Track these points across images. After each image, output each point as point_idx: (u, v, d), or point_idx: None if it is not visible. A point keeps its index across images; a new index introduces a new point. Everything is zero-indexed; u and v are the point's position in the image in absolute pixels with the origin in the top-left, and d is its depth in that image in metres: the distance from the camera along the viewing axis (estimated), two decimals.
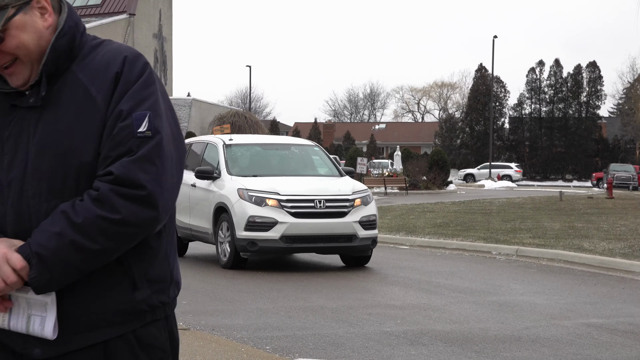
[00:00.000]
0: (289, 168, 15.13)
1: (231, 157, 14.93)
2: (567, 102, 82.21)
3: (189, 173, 15.26)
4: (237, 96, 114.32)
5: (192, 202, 15.19)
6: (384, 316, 10.00)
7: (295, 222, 13.52)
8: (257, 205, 13.56)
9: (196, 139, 16.93)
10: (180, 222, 15.50)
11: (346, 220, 13.77)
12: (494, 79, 75.34)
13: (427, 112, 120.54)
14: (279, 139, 16.48)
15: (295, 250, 13.91)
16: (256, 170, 14.79)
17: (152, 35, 61.34)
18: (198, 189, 15.02)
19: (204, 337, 8.58)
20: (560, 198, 35.66)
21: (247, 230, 13.54)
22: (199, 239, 15.32)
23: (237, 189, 13.82)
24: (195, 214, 15.11)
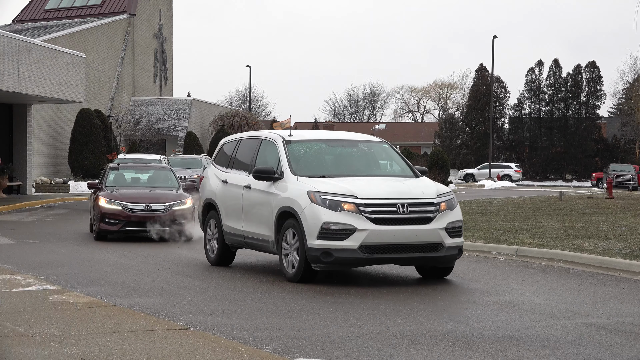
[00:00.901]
0: (359, 167, 13.48)
1: (293, 156, 13.22)
2: (567, 102, 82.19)
3: (239, 173, 14.13)
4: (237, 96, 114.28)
5: (247, 206, 13.65)
6: (384, 316, 10.00)
7: (376, 229, 11.88)
8: (331, 210, 11.94)
9: (246, 135, 15.19)
10: (231, 227, 14.09)
11: (432, 227, 12.17)
12: (494, 79, 75.32)
13: (427, 112, 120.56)
14: (344, 134, 14.67)
15: (375, 262, 12.17)
16: (323, 170, 13.12)
17: (152, 35, 61.31)
18: (254, 191, 13.43)
19: (204, 337, 8.58)
20: (560, 198, 35.66)
21: (320, 238, 11.89)
22: (255, 247, 13.72)
23: (308, 191, 12.18)
24: (250, 220, 13.54)
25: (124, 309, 10.14)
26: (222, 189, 14.51)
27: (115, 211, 19.36)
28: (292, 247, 12.42)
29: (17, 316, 9.48)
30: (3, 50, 30.52)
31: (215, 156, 15.62)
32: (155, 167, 23.03)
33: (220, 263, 14.63)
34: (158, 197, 19.88)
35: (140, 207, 19.46)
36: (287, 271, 12.57)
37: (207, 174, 15.44)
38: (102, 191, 20.04)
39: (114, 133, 48.73)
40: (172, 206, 19.64)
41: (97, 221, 19.51)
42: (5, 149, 35.72)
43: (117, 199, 19.57)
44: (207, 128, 61.40)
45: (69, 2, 59.99)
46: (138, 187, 20.95)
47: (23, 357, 7.58)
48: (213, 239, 14.79)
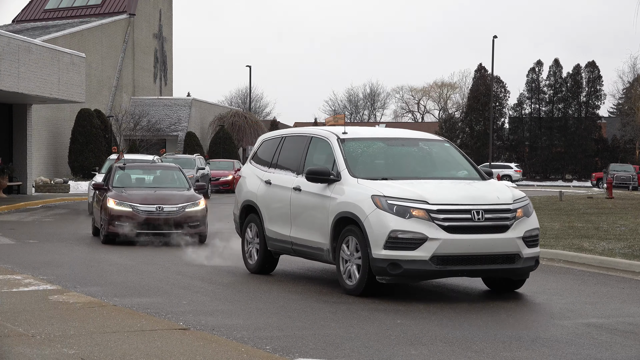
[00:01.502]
0: (422, 169, 12.33)
1: (350, 155, 12.08)
2: (567, 102, 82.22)
3: (285, 173, 13.00)
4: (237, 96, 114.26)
5: (296, 210, 12.50)
6: (383, 316, 10.00)
7: (450, 238, 10.78)
8: (400, 216, 10.82)
9: (291, 132, 13.88)
10: (276, 233, 12.97)
11: (508, 235, 11.10)
12: (494, 79, 75.33)
13: (427, 112, 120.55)
14: (403, 132, 13.48)
15: (447, 274, 11.10)
16: (384, 171, 11.99)
17: (152, 35, 61.32)
18: (305, 193, 12.28)
19: (204, 337, 8.58)
20: (560, 198, 35.66)
21: (387, 248, 10.76)
22: (305, 255, 12.58)
23: (372, 195, 11.05)
24: (301, 225, 12.40)
25: (124, 309, 10.14)
26: (264, 191, 13.41)
27: (125, 213, 18.35)
28: (353, 257, 11.26)
29: (17, 316, 9.48)
30: (3, 50, 30.53)
31: (253, 154, 14.51)
32: (164, 167, 21.94)
33: (262, 270, 13.53)
34: (170, 198, 18.87)
35: (151, 209, 18.45)
36: (345, 283, 11.41)
37: (245, 173, 14.44)
38: (109, 192, 19.06)
39: (114, 133, 48.73)
40: (184, 207, 18.64)
41: (105, 224, 18.46)
42: (5, 149, 35.72)
43: (127, 200, 18.59)
44: (207, 128, 61.42)
45: (69, 2, 60.00)
46: (147, 188, 19.92)
47: (23, 357, 7.59)
48: (253, 245, 13.72)
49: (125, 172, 20.40)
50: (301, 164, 12.73)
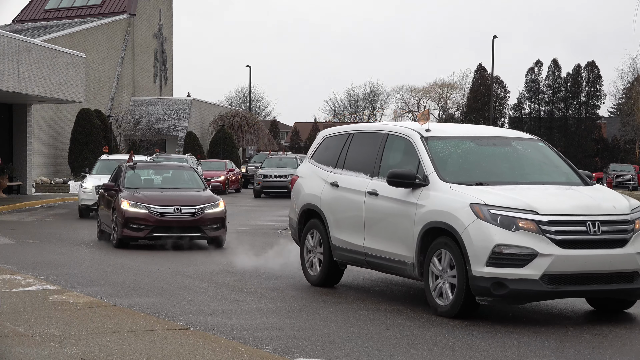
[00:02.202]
0: (520, 173, 10.90)
1: (438, 156, 10.66)
2: (567, 102, 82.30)
3: (356, 175, 11.60)
4: (237, 96, 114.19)
5: (372, 217, 11.09)
6: (383, 316, 10.00)
7: (563, 254, 9.41)
8: (505, 228, 9.46)
9: (361, 128, 12.45)
10: (345, 242, 11.57)
11: (627, 251, 9.66)
12: (494, 79, 75.37)
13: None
14: (492, 130, 12.06)
15: (560, 295, 9.69)
16: (478, 174, 10.56)
17: (152, 35, 61.33)
18: (384, 199, 10.88)
19: (204, 337, 8.58)
20: None
21: (490, 265, 9.40)
22: (382, 268, 11.18)
23: (471, 203, 9.67)
24: (377, 234, 11.00)
25: (124, 309, 10.14)
26: (330, 194, 11.99)
27: (141, 215, 17.27)
28: (445, 274, 9.92)
29: (17, 316, 9.48)
30: (3, 50, 30.53)
31: (313, 152, 13.09)
32: (176, 167, 20.90)
33: (325, 283, 12.17)
34: (187, 200, 17.82)
35: (169, 211, 17.33)
36: (436, 303, 10.03)
37: (303, 173, 13.07)
38: (121, 193, 18.04)
39: (114, 133, 48.73)
40: (203, 209, 17.55)
41: (118, 227, 17.41)
42: (5, 149, 35.71)
43: (142, 201, 17.50)
44: (207, 128, 61.41)
45: (69, 2, 60.00)
46: (161, 189, 18.89)
47: (23, 357, 7.59)
48: (314, 254, 12.33)
49: (135, 172, 19.43)
50: (376, 164, 11.33)
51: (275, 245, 17.13)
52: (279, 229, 22.44)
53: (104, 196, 19.25)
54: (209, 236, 17.62)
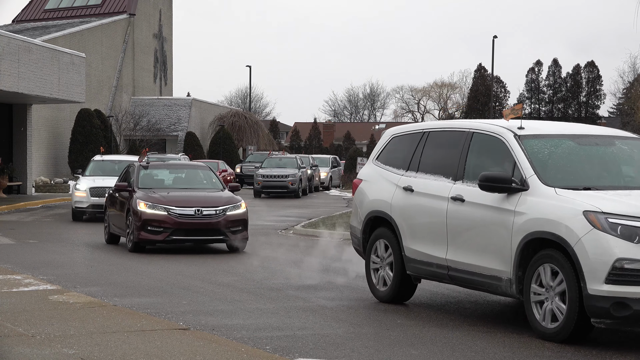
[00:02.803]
0: (631, 176, 9.77)
1: (536, 157, 9.50)
2: (567, 102, 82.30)
3: (435, 179, 10.30)
4: (237, 96, 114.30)
5: (457, 226, 9.84)
6: (383, 316, 10.00)
7: None
8: (626, 240, 8.33)
9: (439, 125, 11.08)
10: (422, 254, 10.29)
11: None
12: (493, 79, 75.37)
13: (427, 112, 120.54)
14: (592, 129, 10.67)
15: None
16: (583, 178, 9.43)
17: (152, 35, 61.34)
18: (472, 205, 9.66)
19: (204, 337, 8.58)
20: None
21: (610, 282, 8.28)
22: (471, 284, 9.81)
23: (585, 211, 8.52)
24: (464, 246, 9.76)
25: (124, 309, 10.14)
26: (403, 200, 10.69)
27: (159, 217, 16.33)
28: (552, 292, 8.73)
29: (17, 316, 9.48)
30: (3, 50, 30.53)
31: (379, 153, 11.75)
32: (191, 166, 19.85)
33: (396, 298, 10.84)
34: (208, 200, 16.87)
35: (189, 212, 16.39)
36: (540, 325, 8.85)
37: (367, 176, 11.67)
38: (136, 193, 17.05)
39: (114, 133, 48.73)
40: (225, 211, 16.61)
41: (135, 229, 16.44)
42: (5, 149, 35.72)
43: (160, 202, 16.54)
44: (207, 128, 61.39)
45: (69, 2, 59.99)
46: (178, 189, 17.81)
47: (23, 357, 7.59)
48: (383, 267, 10.99)
49: (148, 172, 18.29)
50: (459, 167, 10.07)
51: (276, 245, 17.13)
52: (278, 228, 22.46)
53: (115, 197, 18.37)
54: (231, 239, 16.70)
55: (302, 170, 40.25)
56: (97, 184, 24.32)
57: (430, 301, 11.16)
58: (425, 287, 12.26)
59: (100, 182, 24.37)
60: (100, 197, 23.30)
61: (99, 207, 23.15)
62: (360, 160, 48.85)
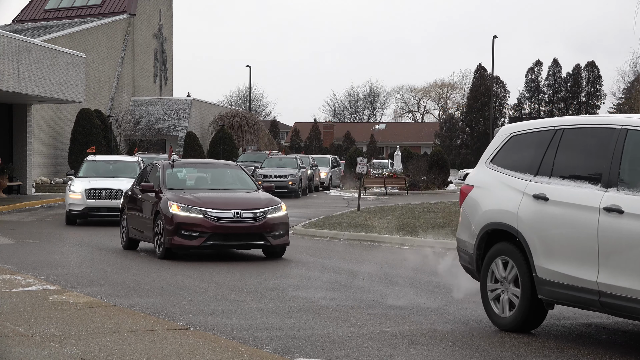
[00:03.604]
0: None
1: None
2: (567, 102, 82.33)
3: (577, 185, 8.63)
4: (237, 96, 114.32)
5: (616, 244, 8.10)
6: (384, 316, 10.00)
7: None
8: None
9: (575, 121, 9.26)
10: (564, 275, 8.55)
11: None
12: (493, 79, 75.38)
13: (427, 112, 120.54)
14: None
15: None
16: None
17: (152, 35, 61.33)
18: (632, 217, 7.94)
19: (204, 337, 8.58)
20: None
21: None
22: (633, 313, 8.01)
23: None
24: (625, 267, 7.98)
25: (124, 309, 10.14)
26: (534, 210, 8.99)
27: (195, 220, 15.04)
28: None
29: (17, 316, 9.48)
30: (3, 50, 30.52)
31: (494, 153, 10.03)
32: (221, 165, 18.17)
33: (522, 326, 9.14)
34: (247, 202, 15.56)
35: (228, 215, 15.12)
36: None
37: (480, 181, 10.00)
38: (164, 194, 15.78)
39: (114, 133, 48.73)
40: (265, 213, 15.37)
41: (166, 234, 15.17)
42: (5, 149, 35.72)
43: (196, 204, 15.21)
44: (207, 128, 61.39)
45: (69, 2, 59.99)
46: (210, 190, 16.46)
47: (23, 357, 7.59)
48: (506, 289, 9.28)
49: (174, 171, 16.89)
50: (612, 171, 8.36)
51: None
52: None
53: (136, 198, 17.05)
54: (272, 244, 15.48)
55: (302, 170, 40.24)
56: (93, 186, 23.39)
57: (430, 301, 11.16)
58: (424, 288, 12.26)
59: (96, 184, 23.50)
60: (97, 199, 23.02)
61: (95, 210, 23.02)
62: (360, 160, 48.86)
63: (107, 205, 23.05)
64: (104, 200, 23.17)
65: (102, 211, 23.15)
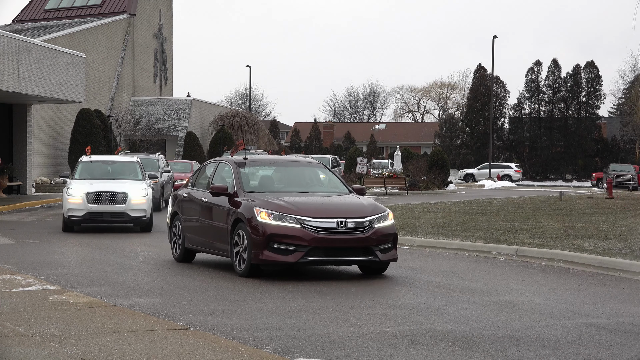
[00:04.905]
0: None
1: None
2: (567, 102, 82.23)
3: None
4: (237, 96, 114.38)
5: None
6: (384, 316, 10.00)
7: None
8: None
9: None
10: None
11: None
12: (493, 79, 75.34)
13: (427, 112, 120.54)
14: None
15: None
16: None
17: (152, 35, 61.32)
18: None
19: (204, 337, 8.58)
20: (560, 198, 35.65)
21: None
22: None
23: None
24: None
25: (124, 309, 10.14)
26: None
27: (291, 231, 12.56)
28: None
29: (17, 316, 9.48)
30: (3, 50, 30.53)
31: None
32: (302, 163, 15.23)
33: None
34: (350, 209, 13.11)
35: (330, 225, 12.64)
36: None
37: None
38: (243, 198, 13.41)
39: (114, 133, 48.72)
40: (372, 222, 12.94)
41: (252, 247, 12.74)
42: (5, 149, 35.73)
43: (290, 211, 12.73)
44: (207, 128, 61.41)
45: (69, 2, 60.00)
46: (299, 194, 13.79)
47: (23, 357, 7.59)
48: None
49: (246, 170, 14.32)
50: None
51: None
52: None
53: (199, 202, 14.56)
54: (380, 260, 13.01)
55: None
56: (95, 189, 21.32)
57: (430, 301, 11.16)
58: (424, 288, 12.26)
59: (97, 186, 21.47)
60: (100, 203, 21.05)
61: (98, 215, 21.12)
62: (360, 160, 48.89)
63: (110, 210, 21.18)
64: (107, 205, 21.15)
65: (105, 216, 21.22)
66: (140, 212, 21.44)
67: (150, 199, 21.74)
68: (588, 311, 10.59)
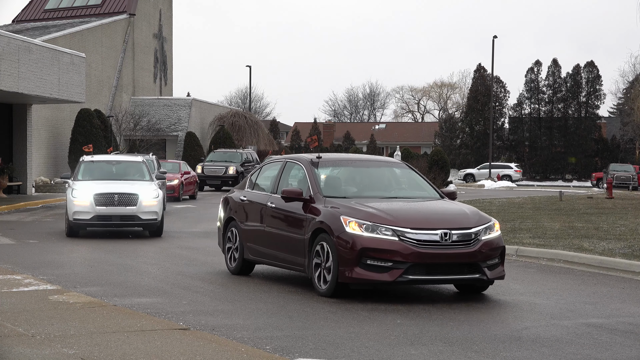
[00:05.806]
0: None
1: None
2: (567, 102, 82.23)
3: None
4: (237, 96, 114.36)
5: None
6: (384, 316, 10.00)
7: None
8: None
9: None
10: None
11: None
12: (493, 79, 75.33)
13: (427, 112, 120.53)
14: None
15: None
16: None
17: (152, 35, 61.33)
18: None
19: (204, 337, 8.58)
20: (560, 198, 35.65)
21: None
22: None
23: None
24: None
25: (124, 309, 10.14)
26: None
27: (387, 245, 10.79)
28: None
29: (17, 316, 9.48)
30: (3, 50, 30.52)
31: None
32: (383, 163, 13.31)
33: None
34: (451, 219, 11.32)
35: (433, 238, 10.90)
36: None
37: None
38: (324, 204, 11.56)
39: (114, 133, 48.73)
40: (478, 234, 11.19)
41: (340, 263, 10.89)
42: (5, 149, 35.71)
43: (385, 221, 10.96)
44: (207, 128, 61.42)
45: (69, 2, 60.01)
46: (388, 199, 11.98)
47: (23, 357, 7.59)
48: None
49: (323, 172, 12.45)
50: None
51: None
52: None
53: (265, 207, 12.71)
54: (489, 278, 11.27)
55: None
56: (103, 190, 19.99)
57: (430, 301, 11.16)
58: (425, 287, 12.26)
59: (105, 187, 20.14)
60: (109, 205, 19.73)
61: (107, 218, 19.80)
62: None
63: (120, 212, 19.85)
64: (117, 207, 19.82)
65: (115, 219, 19.88)
66: (152, 215, 20.07)
67: (161, 201, 20.60)
68: (588, 311, 10.59)
